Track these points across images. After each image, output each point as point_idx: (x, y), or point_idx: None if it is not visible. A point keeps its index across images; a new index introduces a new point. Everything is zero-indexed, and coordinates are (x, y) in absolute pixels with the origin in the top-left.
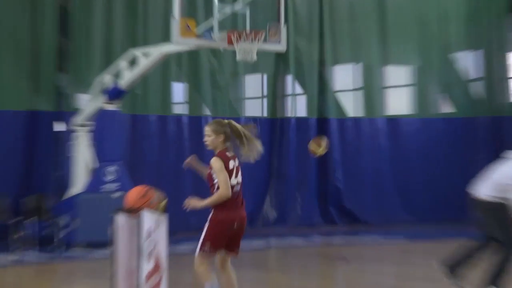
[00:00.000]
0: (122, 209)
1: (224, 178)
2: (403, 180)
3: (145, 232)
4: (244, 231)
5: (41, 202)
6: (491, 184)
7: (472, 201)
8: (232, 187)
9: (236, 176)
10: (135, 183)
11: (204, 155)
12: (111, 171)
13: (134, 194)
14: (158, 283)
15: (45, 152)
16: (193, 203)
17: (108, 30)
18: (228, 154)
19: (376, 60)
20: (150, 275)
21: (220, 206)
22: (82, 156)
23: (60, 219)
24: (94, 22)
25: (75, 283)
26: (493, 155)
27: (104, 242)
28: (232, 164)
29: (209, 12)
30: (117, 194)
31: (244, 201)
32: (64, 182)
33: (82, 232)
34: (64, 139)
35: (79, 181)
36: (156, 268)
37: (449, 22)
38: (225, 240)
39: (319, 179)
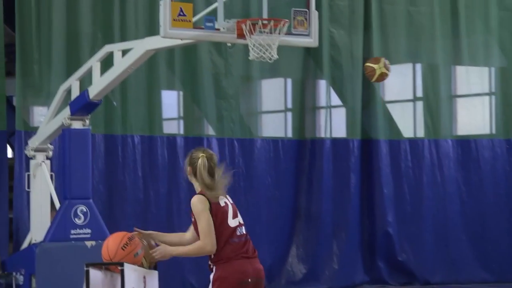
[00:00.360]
0: (96, 263)
1: (207, 223)
2: (479, 225)
3: None
4: None
5: None
6: None
7: None
8: (232, 230)
9: (235, 216)
10: (113, 228)
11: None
12: (80, 211)
13: (113, 243)
14: None
15: None
16: (163, 250)
17: (72, 18)
18: None
19: (443, 59)
20: None
21: (221, 260)
22: (41, 192)
23: (14, 275)
24: (52, 7)
25: None
26: None
27: None
28: (223, 200)
29: None
30: (88, 243)
31: (256, 250)
32: (18, 227)
33: None
34: (16, 168)
35: (37, 226)
36: None
37: None
38: None
39: (364, 223)
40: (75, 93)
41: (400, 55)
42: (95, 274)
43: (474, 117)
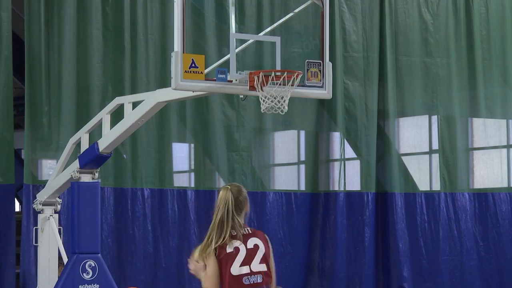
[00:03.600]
0: None
1: (209, 270)
2: (497, 281)
3: None
4: None
5: None
6: None
7: None
8: (236, 279)
9: (246, 263)
10: (122, 283)
11: None
12: (88, 266)
13: None
14: None
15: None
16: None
17: (83, 70)
18: (233, 231)
19: (459, 111)
20: None
21: None
22: (49, 247)
23: None
24: (63, 61)
25: None
26: None
27: None
28: (234, 245)
29: (223, 44)
30: None
31: None
32: (25, 282)
33: None
34: (24, 223)
35: (45, 281)
36: None
37: None
38: None
39: (379, 278)
40: (85, 146)
41: (416, 107)
42: None
43: (491, 170)
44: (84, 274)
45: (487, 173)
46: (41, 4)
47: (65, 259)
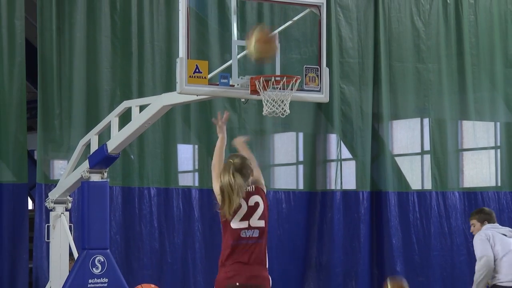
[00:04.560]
0: None
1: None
2: None
3: None
4: None
5: None
6: None
7: None
8: (235, 232)
9: (246, 218)
10: (130, 277)
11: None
12: (98, 261)
13: None
14: None
15: (13, 237)
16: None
17: (92, 75)
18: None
19: (450, 114)
20: None
21: (220, 263)
22: (60, 243)
23: None
24: (73, 65)
25: None
26: None
27: None
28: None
29: (225, 50)
30: None
31: (265, 260)
32: (38, 276)
33: None
34: (37, 220)
35: (56, 275)
36: None
37: None
38: None
39: (373, 272)
40: (94, 147)
41: (408, 110)
42: None
43: (480, 170)
44: (94, 268)
45: (476, 172)
46: (53, 12)
47: (75, 255)
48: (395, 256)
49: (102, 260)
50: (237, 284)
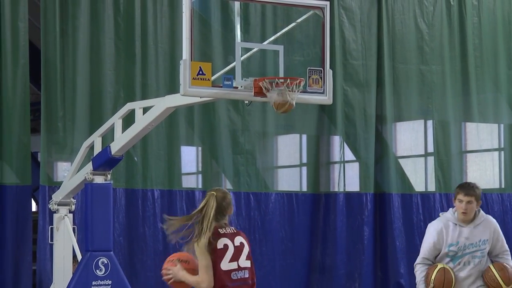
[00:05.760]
0: None
1: (205, 264)
2: None
3: None
4: None
5: None
6: None
7: None
8: (228, 273)
9: (234, 259)
10: (133, 278)
11: None
12: (101, 263)
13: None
14: None
15: (16, 239)
16: (176, 271)
17: (96, 77)
18: (221, 230)
19: (453, 116)
20: None
21: None
22: (64, 245)
23: None
24: (76, 67)
25: None
26: None
27: None
28: (223, 243)
29: (229, 52)
30: None
31: None
32: (41, 279)
33: None
34: (40, 222)
35: (60, 277)
36: None
37: None
38: None
39: (377, 274)
40: (98, 149)
41: (412, 112)
42: None
43: (484, 172)
44: (97, 270)
45: (480, 174)
46: (56, 14)
47: (79, 257)
48: (399, 258)
49: (106, 262)
50: None
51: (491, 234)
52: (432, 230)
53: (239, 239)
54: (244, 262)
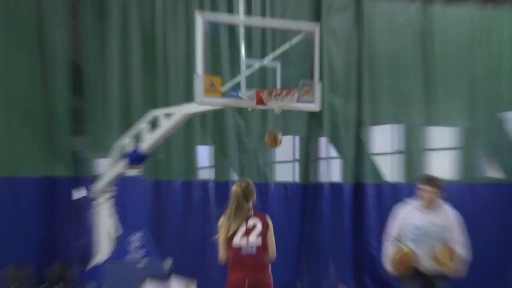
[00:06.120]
0: (145, 277)
1: (220, 240)
2: None
3: None
4: None
5: (65, 271)
6: None
7: None
8: (237, 248)
9: (243, 236)
10: (160, 252)
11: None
12: (135, 238)
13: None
14: None
15: (65, 220)
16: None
17: (126, 89)
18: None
19: (419, 121)
20: None
21: (228, 269)
22: (104, 224)
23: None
24: (110, 80)
25: None
26: None
27: None
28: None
29: (235, 68)
30: (140, 264)
31: (266, 262)
32: (87, 251)
33: None
34: (84, 206)
35: (102, 250)
36: None
37: (501, 80)
38: None
39: (354, 247)
40: (129, 148)
41: (385, 118)
42: (149, 286)
43: (443, 166)
44: (132, 244)
45: (439, 168)
46: (96, 39)
47: (117, 234)
48: (371, 234)
49: (139, 237)
50: (245, 284)
51: (448, 221)
52: (398, 214)
53: (252, 221)
54: (254, 240)
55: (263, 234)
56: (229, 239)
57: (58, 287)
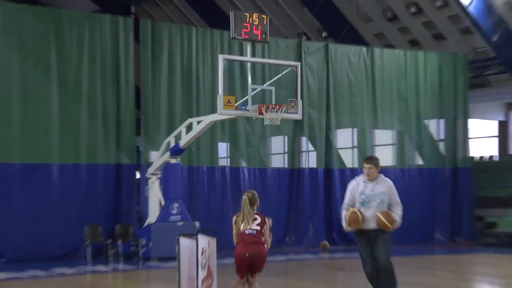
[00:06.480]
0: (183, 234)
1: (234, 232)
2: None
3: (200, 249)
4: (260, 262)
5: (127, 229)
6: None
7: None
8: (242, 232)
9: (247, 225)
10: (192, 216)
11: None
12: (174, 207)
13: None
14: (210, 286)
15: (127, 194)
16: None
17: (170, 104)
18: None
19: (368, 126)
20: (204, 280)
21: (235, 245)
22: (155, 196)
23: (140, 240)
24: (159, 98)
25: (152, 285)
26: (452, 195)
27: (171, 257)
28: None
29: (244, 90)
30: (179, 223)
31: (262, 240)
32: (142, 215)
33: (155, 250)
34: (142, 184)
35: (153, 214)
36: (209, 274)
37: (422, 97)
38: (244, 268)
39: (326, 213)
40: (172, 144)
41: (345, 124)
42: (184, 242)
43: (385, 156)
44: (172, 210)
45: (382, 157)
46: (149, 68)
47: (162, 203)
48: (338, 204)
49: (177, 205)
50: (247, 255)
51: (387, 189)
52: (350, 186)
53: (255, 217)
54: (254, 226)
55: (261, 225)
56: (240, 231)
57: (120, 241)
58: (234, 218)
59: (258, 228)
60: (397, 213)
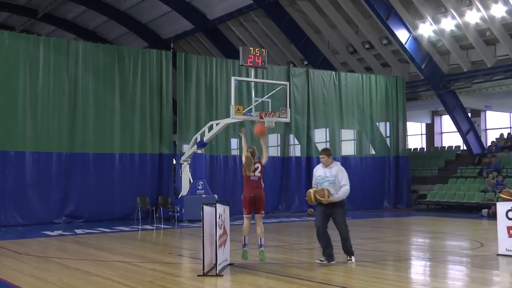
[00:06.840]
0: (207, 203)
1: (244, 173)
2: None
3: (218, 214)
4: (260, 201)
5: (166, 199)
6: None
7: None
8: (248, 177)
9: (253, 171)
10: (212, 190)
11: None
12: (200, 184)
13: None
14: (225, 241)
15: (167, 174)
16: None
17: (198, 111)
18: (253, 159)
19: (337, 126)
20: (221, 236)
21: (243, 188)
22: (186, 176)
23: (176, 208)
24: (190, 107)
25: (184, 239)
26: (395, 175)
27: (198, 219)
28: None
29: (249, 101)
30: (203, 196)
31: (262, 185)
32: (177, 190)
33: (186, 214)
34: (177, 168)
35: (184, 189)
36: (224, 232)
37: (374, 107)
38: (250, 205)
39: (307, 189)
40: (198, 139)
41: (320, 125)
42: (206, 209)
43: (348, 148)
44: (199, 186)
45: (346, 149)
46: (182, 85)
47: (191, 181)
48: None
49: (202, 183)
50: (252, 195)
51: (336, 172)
52: (314, 170)
53: (256, 165)
54: (257, 174)
55: (261, 171)
56: (246, 175)
57: (161, 208)
58: (243, 158)
59: (259, 175)
60: (342, 191)
